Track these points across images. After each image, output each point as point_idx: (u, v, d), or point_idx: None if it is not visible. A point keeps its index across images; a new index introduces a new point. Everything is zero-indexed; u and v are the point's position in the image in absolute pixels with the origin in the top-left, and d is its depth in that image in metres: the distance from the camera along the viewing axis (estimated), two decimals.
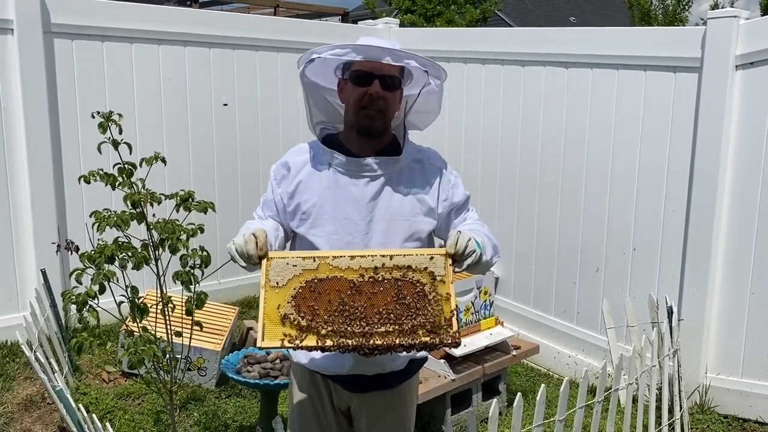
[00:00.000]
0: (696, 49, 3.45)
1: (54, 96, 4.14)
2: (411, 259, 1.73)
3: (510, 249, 4.51)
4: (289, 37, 4.96)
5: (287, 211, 1.91)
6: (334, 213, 1.85)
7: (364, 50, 1.79)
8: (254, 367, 3.21)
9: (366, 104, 1.81)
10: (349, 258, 1.72)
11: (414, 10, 12.81)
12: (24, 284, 4.12)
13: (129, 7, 4.45)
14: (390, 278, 1.71)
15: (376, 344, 1.64)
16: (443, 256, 1.74)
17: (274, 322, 1.66)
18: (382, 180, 1.87)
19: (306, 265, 1.72)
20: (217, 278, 4.30)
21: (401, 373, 1.97)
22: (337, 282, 1.70)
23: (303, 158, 1.93)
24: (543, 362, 4.25)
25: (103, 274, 2.30)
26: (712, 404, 3.56)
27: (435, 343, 1.66)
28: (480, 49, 4.58)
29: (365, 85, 1.81)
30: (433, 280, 1.71)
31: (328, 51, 1.80)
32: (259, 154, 4.95)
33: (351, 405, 2.01)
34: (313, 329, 1.65)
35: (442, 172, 1.95)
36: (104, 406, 3.43)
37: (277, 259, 1.73)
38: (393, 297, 1.69)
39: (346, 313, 1.67)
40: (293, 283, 1.70)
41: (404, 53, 1.79)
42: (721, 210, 3.47)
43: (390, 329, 1.65)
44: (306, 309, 1.67)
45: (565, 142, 4.11)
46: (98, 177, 2.46)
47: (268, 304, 1.68)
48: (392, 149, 1.91)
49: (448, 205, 1.94)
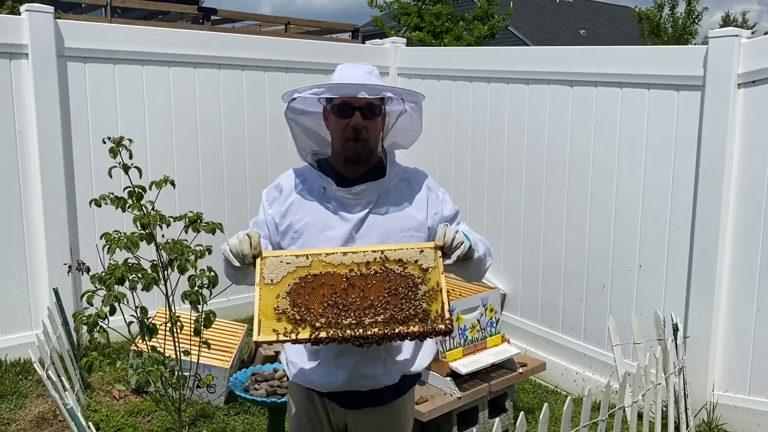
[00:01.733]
0: (698, 68, 3.48)
1: (67, 118, 4.24)
2: (402, 252, 1.78)
3: (517, 266, 4.54)
4: (297, 58, 5.05)
5: (279, 230, 1.97)
6: (325, 232, 1.91)
7: (338, 88, 1.87)
8: (262, 385, 3.25)
9: (349, 136, 1.89)
10: (341, 254, 1.78)
11: (422, 27, 12.90)
12: (37, 303, 4.19)
13: (140, 30, 4.56)
14: (381, 271, 1.75)
15: (370, 333, 1.67)
16: (433, 248, 1.79)
17: (269, 317, 1.70)
18: (372, 201, 1.93)
19: (299, 263, 1.77)
20: (227, 295, 4.35)
21: (395, 389, 2.00)
22: (330, 277, 1.75)
23: (296, 180, 2.00)
24: (551, 379, 4.25)
25: (113, 295, 2.35)
26: (720, 422, 3.55)
27: (428, 330, 1.69)
28: (484, 68, 4.64)
29: (347, 117, 1.88)
30: (424, 272, 1.76)
31: (307, 91, 1.89)
32: (268, 173, 5.01)
33: (347, 422, 2.04)
34: (307, 322, 1.69)
35: (429, 189, 2.02)
36: (115, 423, 3.48)
37: (270, 258, 1.79)
38: (385, 289, 1.73)
39: (340, 305, 1.71)
40: (287, 279, 1.75)
41: (378, 87, 1.88)
42: (726, 227, 3.48)
43: (383, 319, 1.69)
44: (300, 303, 1.71)
45: (570, 160, 4.14)
46: (109, 200, 2.52)
47: (263, 300, 1.72)
48: (379, 171, 1.97)
49: (438, 219, 1.99)
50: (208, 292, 2.62)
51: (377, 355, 1.91)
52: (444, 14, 12.74)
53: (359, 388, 1.94)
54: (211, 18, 12.69)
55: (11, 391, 3.77)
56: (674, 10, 19.81)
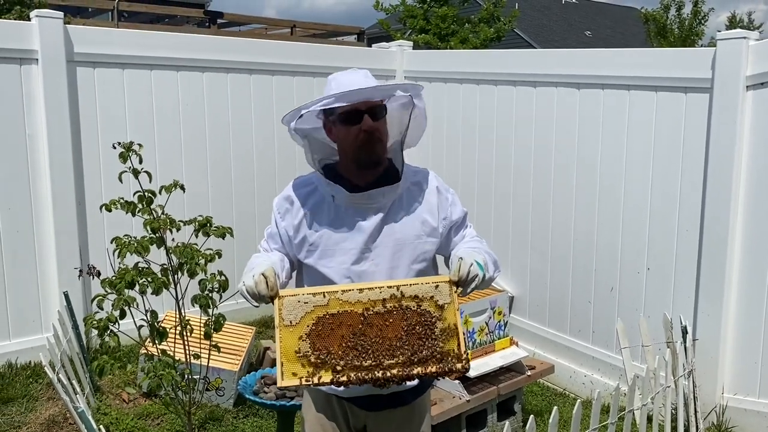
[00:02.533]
0: (706, 70, 3.47)
1: (77, 123, 4.26)
2: (417, 288, 1.79)
3: (524, 268, 4.53)
4: (305, 62, 5.07)
5: (293, 243, 1.95)
6: (341, 243, 1.90)
7: (346, 97, 1.82)
8: (271, 388, 3.27)
9: (363, 141, 1.85)
10: (357, 291, 1.79)
11: (428, 30, 12.92)
12: (47, 307, 4.22)
13: (148, 35, 4.58)
14: (398, 308, 1.77)
15: (390, 376, 1.71)
16: (448, 283, 1.80)
17: (291, 360, 1.73)
18: (385, 208, 1.92)
19: (316, 302, 1.78)
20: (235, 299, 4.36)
21: (414, 389, 2.02)
22: (348, 316, 1.77)
23: (306, 190, 1.97)
24: (559, 382, 4.25)
25: (123, 299, 2.37)
26: (730, 425, 3.54)
27: (446, 371, 1.73)
28: (491, 71, 4.65)
29: (356, 123, 1.85)
30: (440, 309, 1.77)
31: (316, 105, 1.84)
32: (276, 176, 5.03)
33: (367, 423, 2.05)
34: (328, 365, 1.72)
35: (439, 192, 2.00)
36: (124, 427, 3.49)
37: (288, 298, 1.79)
38: (403, 328, 1.75)
39: (359, 347, 1.74)
40: (306, 320, 1.77)
41: (387, 87, 1.88)
42: (735, 229, 3.47)
43: (402, 360, 1.72)
44: (320, 346, 1.74)
45: (578, 162, 4.14)
46: (119, 205, 2.54)
47: (284, 342, 1.74)
48: (390, 174, 1.94)
49: (447, 223, 1.99)
50: (218, 296, 2.64)
51: None
52: (450, 17, 12.75)
53: (382, 391, 1.94)
54: (217, 21, 12.75)
55: (22, 394, 3.79)
56: (681, 11, 19.75)
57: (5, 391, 3.79)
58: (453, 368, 1.72)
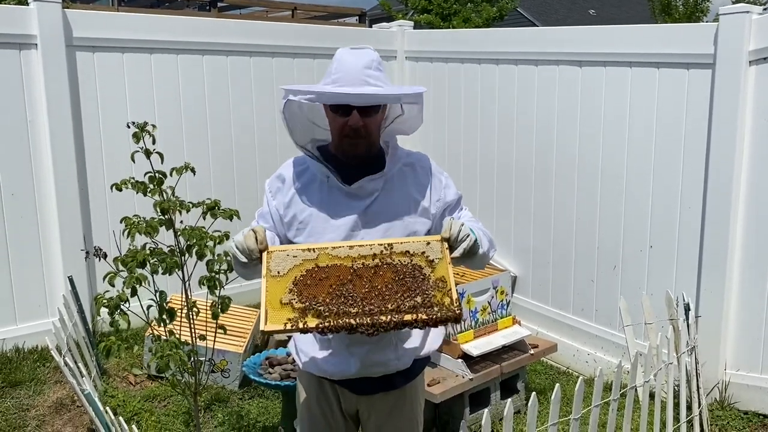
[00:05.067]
0: (709, 46, 3.44)
1: (77, 107, 4.26)
2: (408, 245, 1.80)
3: (527, 247, 4.54)
4: (304, 43, 5.04)
5: (283, 221, 1.96)
6: (331, 221, 1.90)
7: (329, 97, 1.81)
8: (275, 369, 3.29)
9: (348, 134, 1.85)
10: (348, 247, 1.79)
11: (430, 10, 12.81)
12: (52, 291, 4.25)
13: (147, 18, 4.56)
14: (388, 263, 1.76)
15: (379, 321, 1.67)
16: (439, 241, 1.80)
17: (275, 307, 1.71)
18: (378, 188, 1.92)
19: (306, 256, 1.78)
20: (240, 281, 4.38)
21: (406, 373, 2.02)
22: (337, 269, 1.76)
23: (298, 169, 1.98)
24: (562, 360, 4.27)
25: (135, 277, 2.39)
26: (732, 401, 3.56)
27: (436, 317, 1.69)
28: (493, 50, 4.62)
29: (345, 115, 1.84)
30: (430, 263, 1.77)
31: (300, 96, 1.84)
32: (277, 158, 5.02)
33: (359, 408, 2.06)
34: (313, 310, 1.69)
35: (432, 174, 2.00)
36: (131, 409, 3.53)
37: (277, 252, 1.80)
38: (392, 279, 1.74)
39: (347, 294, 1.72)
40: (294, 272, 1.76)
41: (373, 95, 1.81)
42: (738, 207, 3.46)
43: (391, 307, 1.69)
44: (307, 293, 1.72)
45: (580, 139, 4.13)
46: (130, 185, 2.55)
47: (270, 291, 1.73)
48: (381, 158, 1.94)
49: (441, 205, 1.99)
50: (225, 277, 2.65)
51: (388, 342, 1.92)
52: None
53: (372, 374, 1.95)
54: (218, 5, 12.65)
55: (29, 377, 3.83)
56: None
57: (13, 374, 3.83)
58: (444, 316, 1.69)
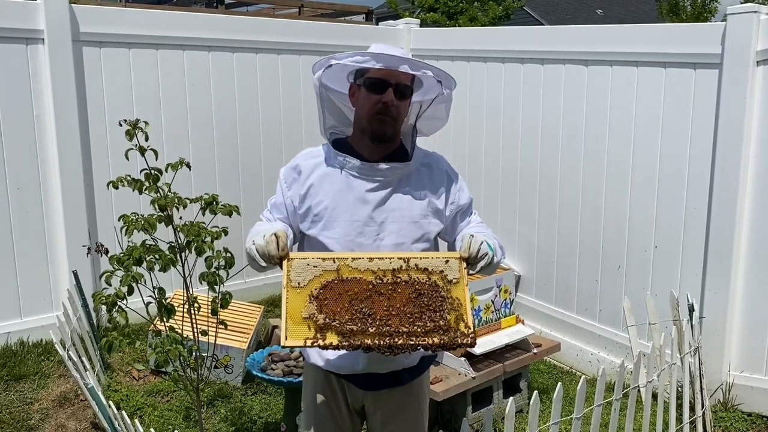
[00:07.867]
0: (716, 45, 3.43)
1: (83, 102, 4.27)
2: (427, 262, 1.79)
3: (531, 247, 4.53)
4: (310, 40, 5.04)
5: (298, 213, 1.96)
6: (346, 215, 1.90)
7: (384, 59, 1.83)
8: (278, 365, 3.29)
9: (379, 111, 1.86)
10: (367, 260, 1.78)
11: (437, 8, 12.81)
12: (57, 285, 4.26)
13: (154, 14, 4.56)
14: (408, 280, 1.76)
15: (396, 344, 1.69)
16: (458, 259, 1.80)
17: (296, 321, 1.72)
18: (393, 183, 1.92)
19: (326, 266, 1.78)
20: (243, 278, 4.41)
21: (413, 370, 2.02)
22: (357, 283, 1.76)
23: (313, 161, 1.97)
24: (565, 360, 4.26)
25: (131, 276, 2.39)
26: (736, 402, 3.54)
27: (450, 344, 1.72)
28: (499, 48, 4.60)
29: (379, 93, 1.85)
30: (448, 283, 1.77)
31: (348, 58, 1.84)
32: (282, 154, 5.03)
33: (365, 403, 2.06)
34: (333, 328, 1.70)
35: (449, 176, 2.01)
36: (134, 403, 3.54)
37: (298, 260, 1.79)
38: (411, 299, 1.74)
39: (366, 312, 1.72)
40: (314, 283, 1.76)
41: (421, 63, 1.85)
42: (743, 206, 3.45)
43: (408, 329, 1.71)
44: (327, 309, 1.72)
45: (585, 139, 4.11)
46: (125, 182, 2.55)
47: (290, 304, 1.74)
48: (400, 154, 1.96)
49: (454, 208, 1.99)
50: (225, 273, 2.65)
51: None
52: None
53: (380, 370, 1.96)
54: (225, 2, 12.65)
55: (34, 371, 3.84)
56: None
57: (18, 368, 3.85)
58: (458, 342, 1.71)
